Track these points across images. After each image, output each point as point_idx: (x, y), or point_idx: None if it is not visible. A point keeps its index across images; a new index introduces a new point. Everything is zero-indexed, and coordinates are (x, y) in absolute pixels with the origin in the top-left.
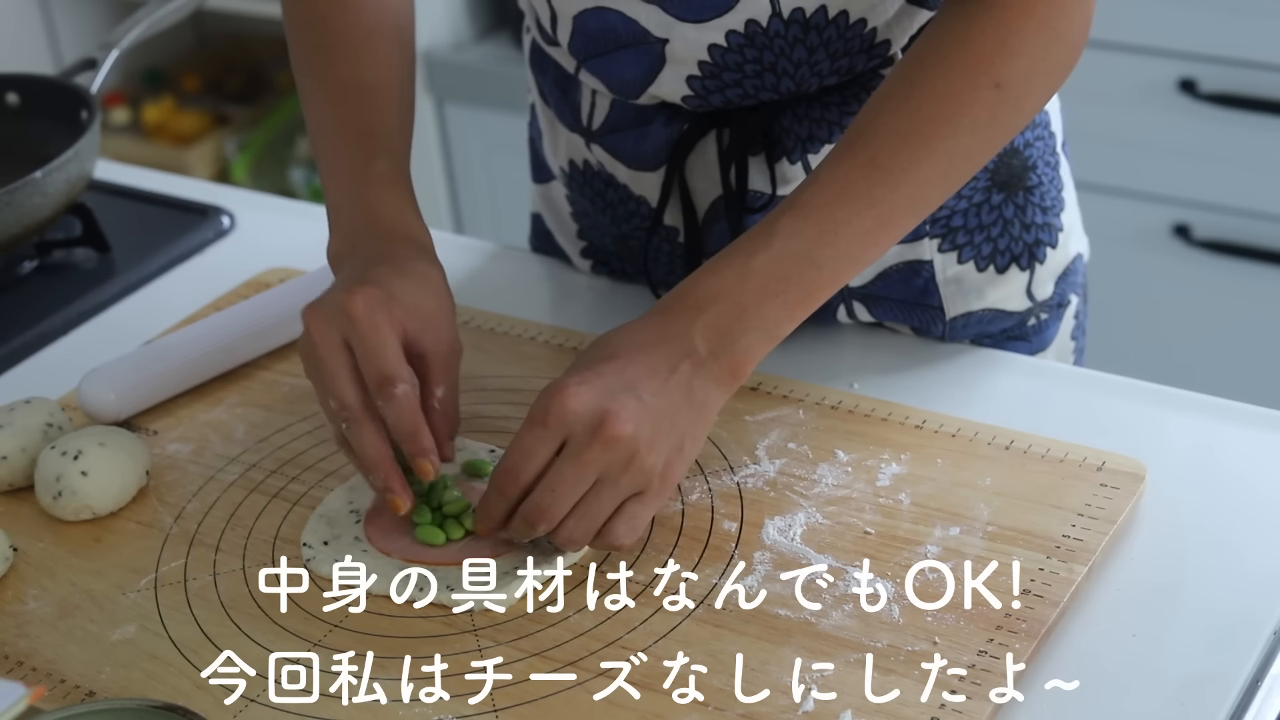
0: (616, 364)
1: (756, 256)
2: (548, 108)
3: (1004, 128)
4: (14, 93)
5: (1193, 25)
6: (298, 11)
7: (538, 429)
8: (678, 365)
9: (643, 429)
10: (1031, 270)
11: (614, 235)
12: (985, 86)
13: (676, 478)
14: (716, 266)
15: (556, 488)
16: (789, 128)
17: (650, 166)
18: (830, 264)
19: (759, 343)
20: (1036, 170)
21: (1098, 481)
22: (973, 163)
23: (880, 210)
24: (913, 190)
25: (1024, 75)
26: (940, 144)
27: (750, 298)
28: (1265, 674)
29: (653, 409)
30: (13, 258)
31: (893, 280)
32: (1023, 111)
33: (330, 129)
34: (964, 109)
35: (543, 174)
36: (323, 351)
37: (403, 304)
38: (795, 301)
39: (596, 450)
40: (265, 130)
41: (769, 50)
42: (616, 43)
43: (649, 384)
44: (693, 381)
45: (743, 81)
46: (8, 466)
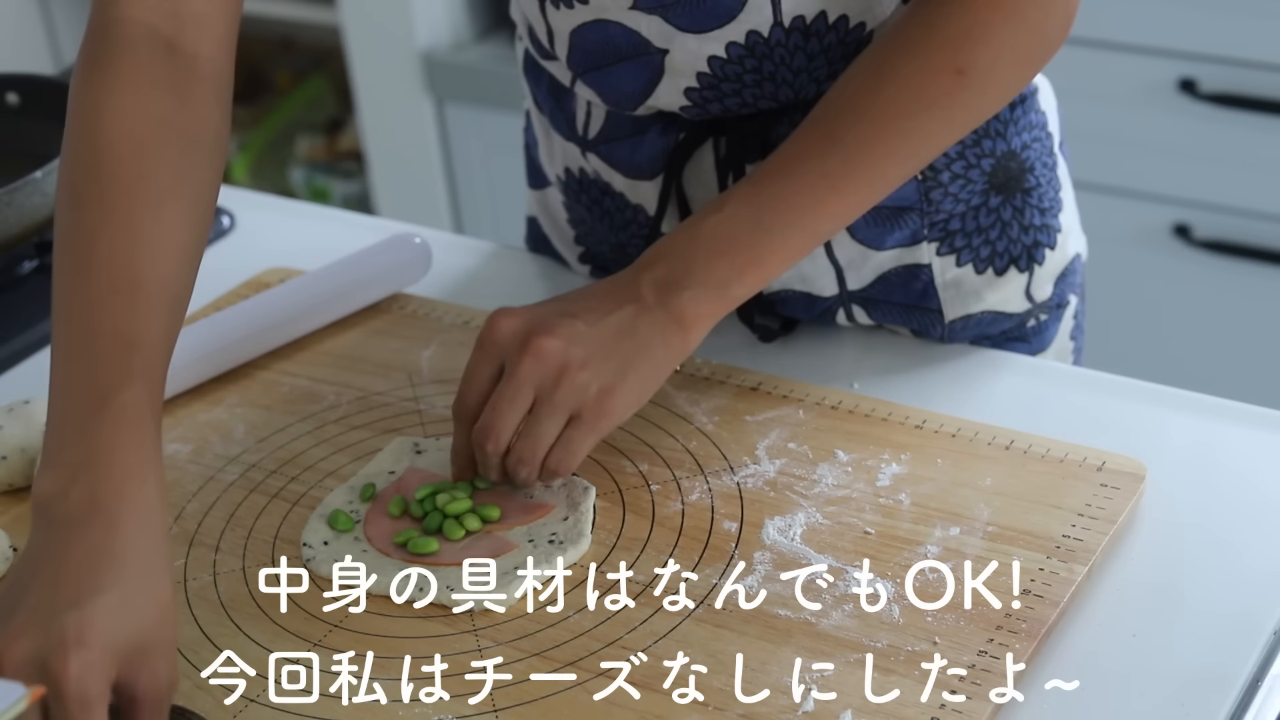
0: (560, 303)
1: (707, 219)
2: (542, 116)
3: (967, 113)
4: (14, 93)
5: (1193, 25)
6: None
7: (476, 354)
8: (622, 305)
9: (574, 346)
10: (1030, 272)
11: (611, 243)
12: (947, 71)
13: (621, 406)
14: (674, 232)
15: (496, 406)
16: (785, 134)
17: (646, 175)
18: (780, 229)
19: (706, 297)
20: (1034, 172)
21: (1098, 481)
22: (933, 145)
23: (832, 182)
24: (869, 166)
25: (989, 63)
26: (898, 123)
27: (698, 254)
28: (1265, 674)
29: (587, 333)
30: (13, 258)
31: (892, 284)
32: (987, 98)
33: (78, 319)
34: (924, 92)
35: (538, 180)
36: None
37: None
38: (745, 263)
39: (527, 364)
40: (265, 130)
41: (769, 60)
42: (616, 55)
43: (587, 315)
44: (636, 322)
45: (741, 91)
46: (7, 467)
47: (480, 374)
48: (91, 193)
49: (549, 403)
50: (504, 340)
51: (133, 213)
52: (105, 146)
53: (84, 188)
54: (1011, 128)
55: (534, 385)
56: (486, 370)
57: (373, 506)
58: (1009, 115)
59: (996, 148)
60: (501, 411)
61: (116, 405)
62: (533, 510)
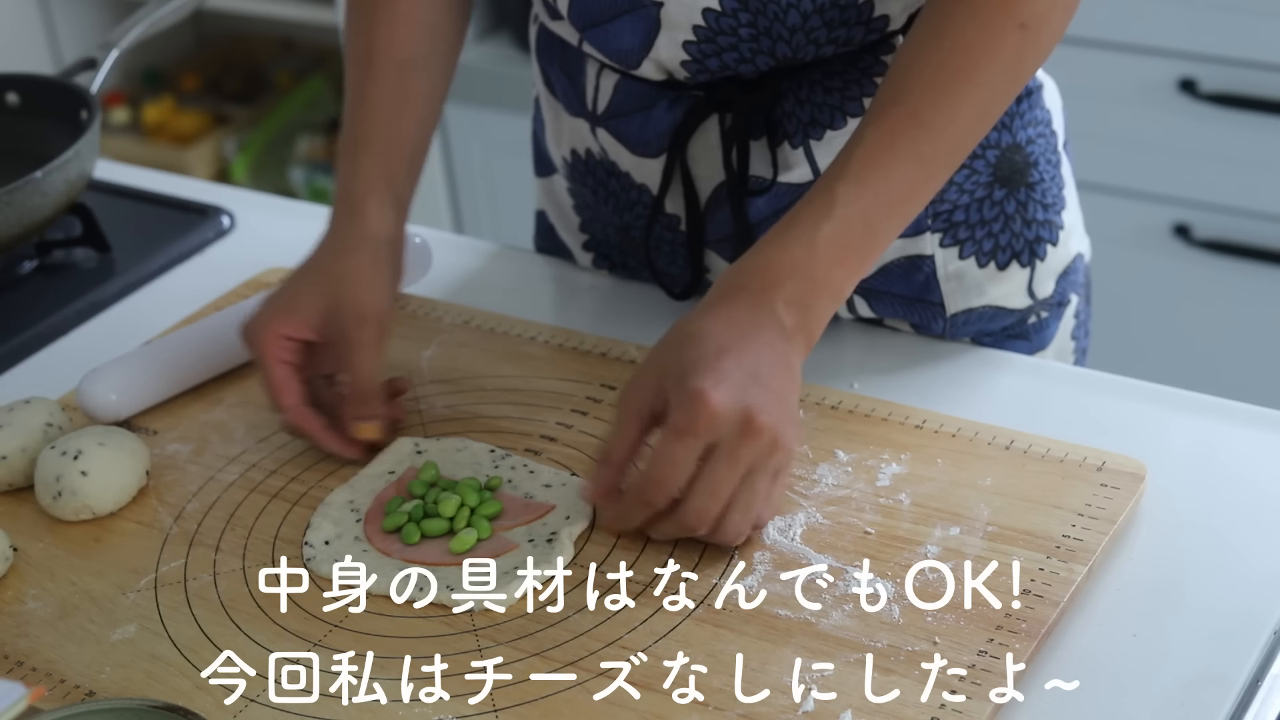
0: (732, 358)
1: (820, 228)
2: (553, 97)
3: (1029, 67)
4: (14, 93)
5: (1193, 25)
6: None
7: (687, 439)
8: (775, 344)
9: (775, 414)
10: (1032, 267)
11: (616, 226)
12: (1012, 29)
13: (794, 444)
14: (784, 240)
15: (714, 490)
16: (791, 111)
17: (653, 152)
18: (885, 225)
19: (829, 308)
20: (1038, 167)
21: (1098, 481)
22: (1002, 104)
23: (928, 166)
24: (954, 141)
25: (1044, 12)
26: (976, 91)
27: (820, 268)
28: (1265, 674)
29: (777, 392)
30: (13, 258)
31: (894, 275)
32: (1043, 49)
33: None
34: (994, 53)
35: (545, 167)
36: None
37: (292, 310)
38: (856, 264)
39: (748, 447)
40: (265, 130)
41: (763, 15)
42: (614, 9)
43: (765, 369)
44: (789, 356)
45: (738, 46)
46: (8, 466)
47: (690, 459)
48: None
49: (763, 473)
50: (722, 427)
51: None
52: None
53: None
54: (1017, 121)
55: (750, 464)
56: (695, 457)
57: (373, 506)
58: (1015, 109)
59: (1001, 139)
60: (722, 494)
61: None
62: (533, 510)
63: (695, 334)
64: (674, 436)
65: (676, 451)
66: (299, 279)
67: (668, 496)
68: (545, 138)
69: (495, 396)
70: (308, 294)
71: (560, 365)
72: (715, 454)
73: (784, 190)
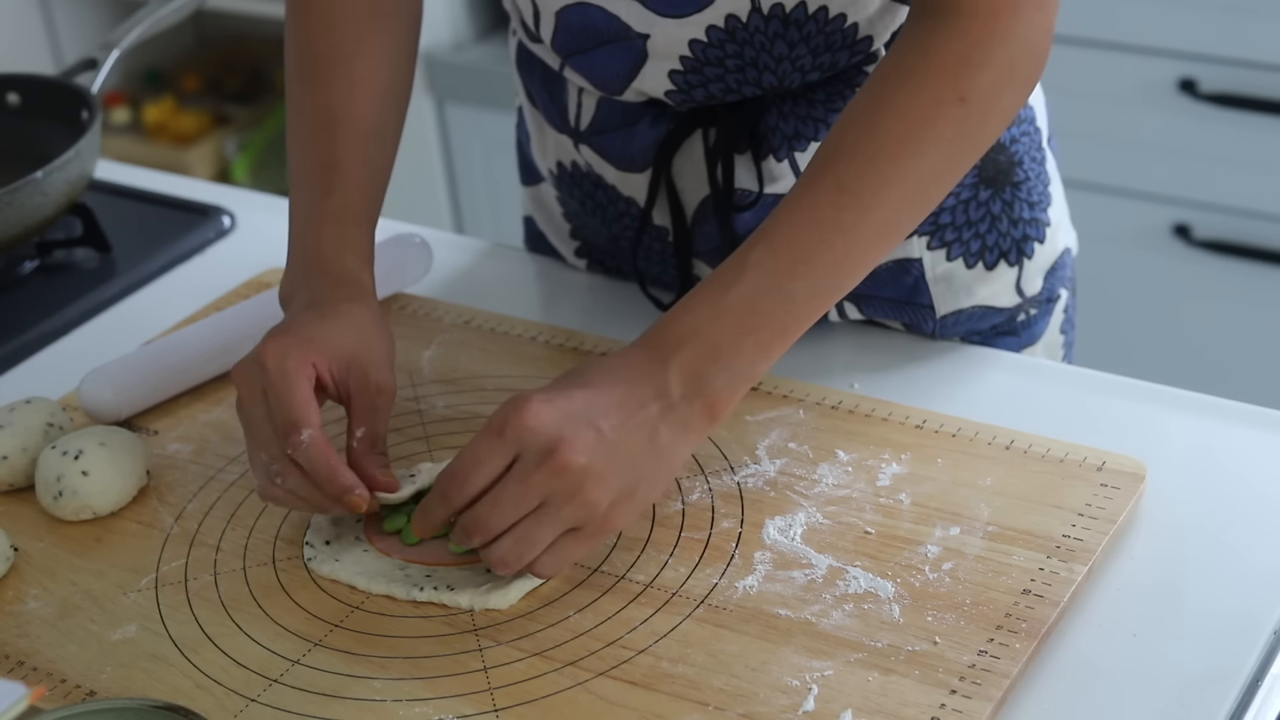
0: (586, 392)
1: (730, 291)
2: (535, 110)
3: (970, 144)
4: (14, 93)
5: (1193, 25)
6: (291, 30)
7: (493, 439)
8: (646, 404)
9: (595, 463)
10: (1020, 266)
11: (605, 235)
12: (950, 101)
13: (622, 522)
14: (691, 303)
15: (498, 504)
16: (775, 125)
17: (638, 167)
18: (803, 295)
19: (733, 382)
20: (1023, 166)
21: (1098, 481)
22: (942, 182)
23: (850, 237)
24: (883, 214)
25: (990, 88)
26: (908, 162)
27: (725, 335)
28: (1265, 674)
29: (610, 445)
30: (13, 258)
31: (882, 279)
32: (988, 126)
33: (296, 162)
34: (929, 125)
35: (531, 176)
36: (247, 406)
37: (321, 346)
38: (769, 338)
39: (544, 475)
40: (265, 130)
41: (749, 45)
42: (598, 39)
43: (613, 418)
44: (659, 425)
45: (725, 77)
46: (8, 466)
47: (491, 462)
48: (297, 70)
49: (554, 516)
50: (528, 440)
51: (330, 72)
52: (305, 28)
53: (292, 68)
54: None
55: (543, 496)
56: (499, 461)
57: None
58: None
59: None
60: (504, 512)
61: (319, 213)
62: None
63: (577, 370)
64: (482, 432)
65: (479, 448)
66: (311, 322)
67: (463, 494)
68: (530, 148)
69: (495, 396)
70: (332, 339)
71: (560, 365)
72: (512, 468)
73: (770, 202)
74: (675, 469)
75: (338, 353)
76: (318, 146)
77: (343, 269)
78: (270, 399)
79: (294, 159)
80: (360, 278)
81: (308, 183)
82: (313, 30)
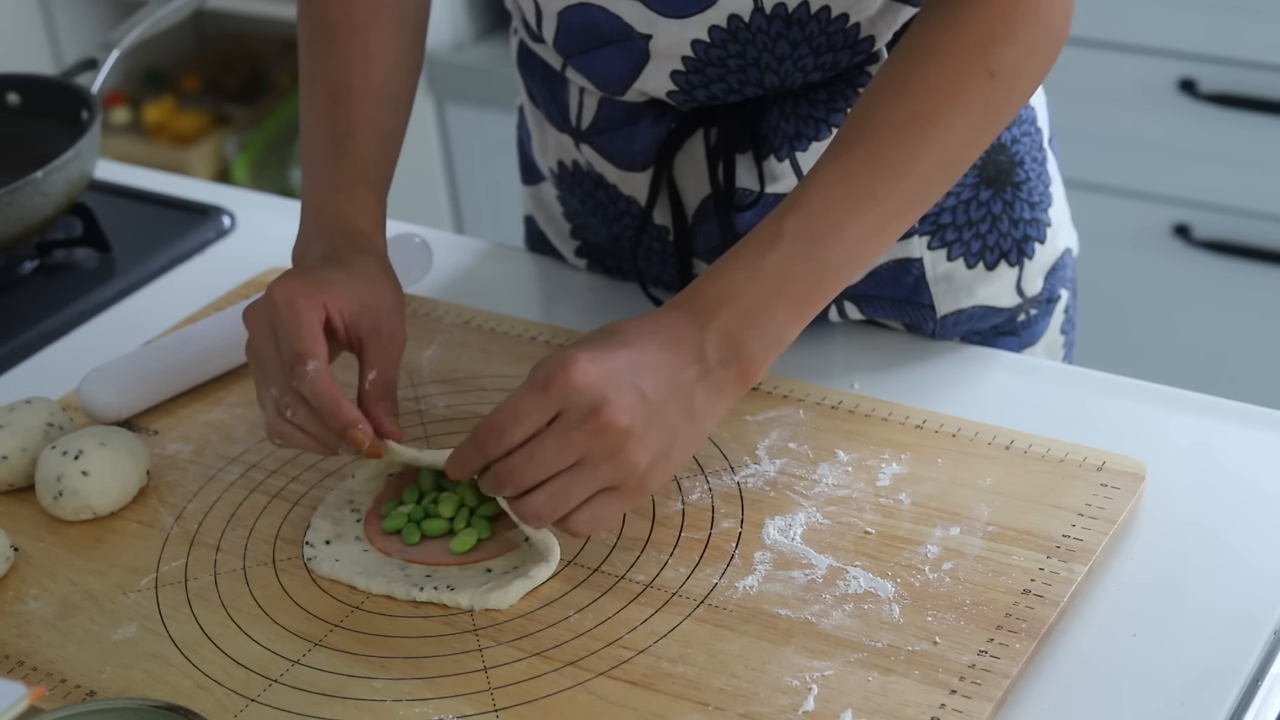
0: (630, 352)
1: (765, 257)
2: (536, 109)
3: (997, 117)
4: (15, 93)
5: (1193, 25)
6: (303, 4)
7: (536, 394)
8: (686, 368)
9: (637, 424)
10: (1021, 266)
11: (606, 235)
12: (979, 75)
13: (657, 482)
14: (726, 268)
15: (535, 457)
16: (776, 125)
17: (639, 167)
18: (836, 263)
19: (767, 348)
20: (1024, 166)
21: (1098, 481)
22: (969, 153)
23: (882, 206)
24: (913, 184)
25: (1015, 63)
26: (937, 135)
27: (760, 300)
28: (1265, 674)
29: (652, 407)
30: (13, 258)
31: (883, 279)
32: (1014, 100)
33: (309, 130)
34: (959, 99)
35: (532, 176)
36: (257, 343)
37: (334, 290)
38: (803, 301)
39: (586, 434)
40: (265, 130)
41: (752, 45)
42: (601, 39)
43: (654, 380)
44: (696, 389)
45: (727, 77)
46: (8, 466)
47: (534, 418)
48: (310, 39)
49: (592, 474)
50: (573, 398)
51: (344, 41)
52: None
53: (305, 38)
54: None
55: (583, 453)
56: (541, 416)
57: (372, 506)
58: None
59: None
60: (541, 465)
61: (333, 178)
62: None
63: (615, 328)
64: (526, 388)
65: (521, 402)
66: (324, 268)
67: (501, 446)
68: (531, 147)
69: (495, 397)
70: (344, 284)
71: None
72: (553, 424)
73: (771, 202)
74: (707, 432)
75: (349, 298)
76: (332, 114)
77: (356, 229)
78: (279, 333)
79: (307, 126)
80: (374, 238)
81: (321, 149)
82: (325, 1)
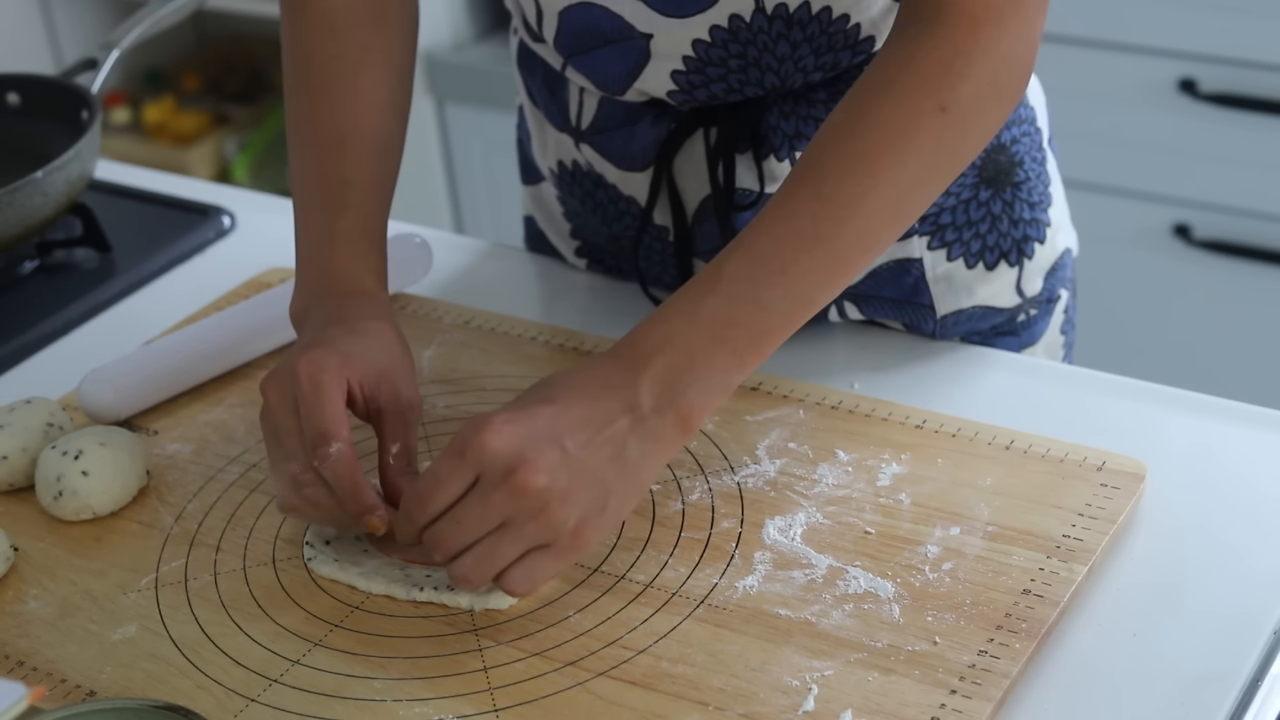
0: (551, 409)
1: (705, 301)
2: (536, 109)
3: (950, 155)
4: (15, 93)
5: (1193, 25)
6: (288, 37)
7: (454, 459)
8: (615, 419)
9: (558, 481)
10: (1020, 266)
11: (605, 235)
12: (930, 111)
13: (594, 537)
14: (665, 313)
15: (459, 522)
16: (776, 125)
17: (639, 166)
18: (779, 306)
19: (707, 394)
20: (1023, 166)
21: (1098, 481)
22: (924, 193)
23: (828, 247)
24: (860, 225)
25: (971, 98)
26: (886, 174)
27: (699, 345)
28: (1265, 674)
29: (575, 463)
30: (13, 258)
31: (883, 279)
32: (970, 137)
33: (302, 176)
34: (910, 136)
35: (532, 176)
36: (277, 416)
37: (354, 362)
38: (745, 348)
39: (504, 495)
40: (265, 130)
41: (753, 45)
42: (601, 39)
43: (578, 435)
44: (628, 439)
45: (727, 77)
46: (8, 466)
47: (453, 482)
48: (299, 81)
49: (519, 534)
50: (488, 462)
51: (335, 85)
52: (304, 36)
53: (293, 78)
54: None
55: (505, 516)
56: (460, 481)
57: None
58: None
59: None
60: (465, 530)
61: (334, 232)
62: None
63: (544, 382)
64: (445, 454)
65: (441, 469)
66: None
67: (425, 514)
68: (531, 147)
69: (495, 396)
70: (363, 355)
71: (560, 365)
72: (474, 488)
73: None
74: (647, 482)
75: (369, 369)
76: (327, 163)
77: (362, 288)
78: (302, 410)
79: (299, 174)
80: (380, 296)
81: (318, 200)
82: (313, 38)
